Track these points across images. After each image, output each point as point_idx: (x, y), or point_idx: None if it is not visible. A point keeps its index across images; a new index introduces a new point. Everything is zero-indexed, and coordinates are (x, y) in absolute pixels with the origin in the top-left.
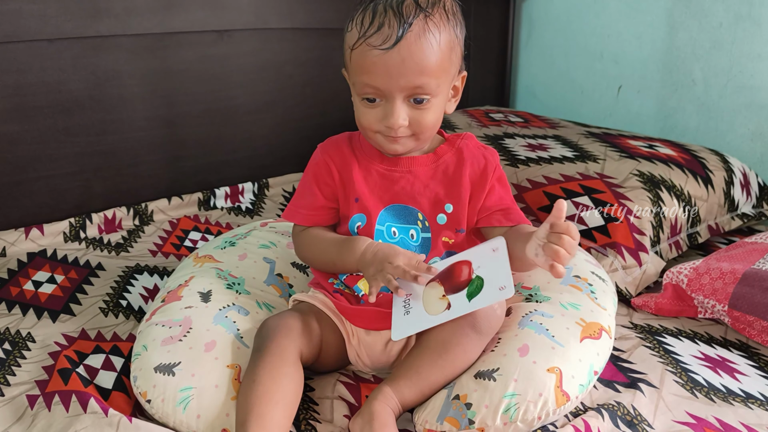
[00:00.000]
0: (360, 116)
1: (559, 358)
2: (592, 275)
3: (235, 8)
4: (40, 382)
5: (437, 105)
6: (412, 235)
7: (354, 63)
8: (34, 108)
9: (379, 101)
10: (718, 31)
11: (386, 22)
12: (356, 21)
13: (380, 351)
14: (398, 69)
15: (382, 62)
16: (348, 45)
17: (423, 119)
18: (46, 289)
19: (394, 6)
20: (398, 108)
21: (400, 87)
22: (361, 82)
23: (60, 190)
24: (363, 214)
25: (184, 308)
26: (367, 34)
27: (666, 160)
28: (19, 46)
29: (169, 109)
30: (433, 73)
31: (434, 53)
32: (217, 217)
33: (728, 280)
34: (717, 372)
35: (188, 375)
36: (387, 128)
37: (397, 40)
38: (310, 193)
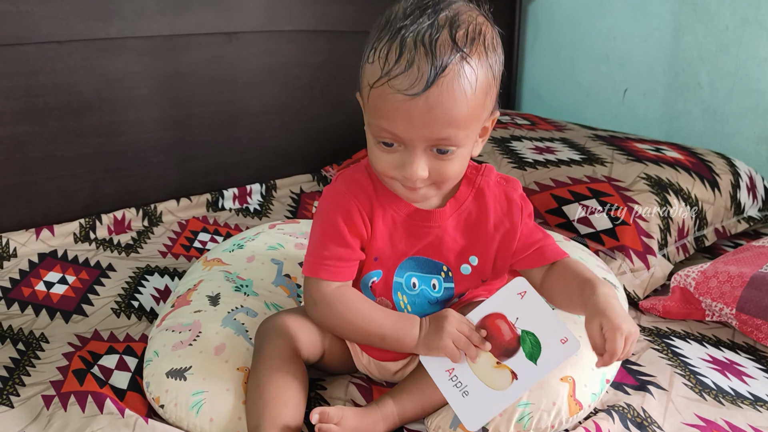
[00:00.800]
0: (374, 159)
1: (572, 367)
2: (604, 281)
3: (243, 10)
4: (55, 383)
5: (463, 155)
6: (434, 285)
7: (372, 103)
8: (44, 109)
9: (397, 146)
10: (725, 35)
11: (415, 62)
12: (379, 53)
13: (391, 373)
14: (423, 119)
15: (405, 109)
16: (367, 80)
17: (446, 170)
18: (58, 289)
19: (426, 41)
20: (418, 159)
21: (423, 137)
22: (378, 126)
23: (70, 191)
24: (381, 270)
25: (193, 312)
26: (392, 74)
27: (673, 163)
28: (30, 47)
29: (178, 110)
30: (462, 124)
31: (467, 102)
32: (226, 218)
33: (736, 283)
34: (725, 375)
35: (200, 379)
36: (404, 178)
37: (427, 86)
38: (339, 239)
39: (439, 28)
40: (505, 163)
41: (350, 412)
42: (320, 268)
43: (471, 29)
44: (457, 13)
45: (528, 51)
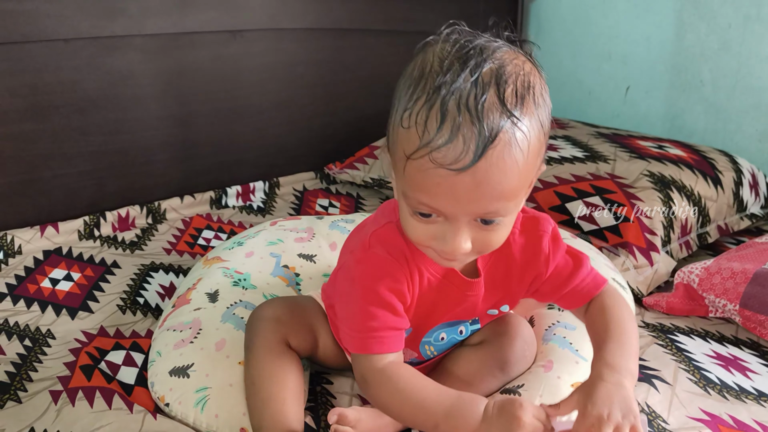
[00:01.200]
0: (410, 229)
1: (583, 372)
2: (614, 282)
3: (248, 8)
4: (62, 378)
5: (510, 221)
6: (461, 331)
7: (410, 176)
8: (49, 107)
9: (436, 217)
10: (727, 33)
11: (461, 131)
12: (416, 117)
13: None
14: (469, 195)
15: (449, 185)
16: (402, 148)
17: (490, 240)
18: (64, 286)
19: (470, 106)
20: (461, 232)
21: (468, 212)
22: (416, 200)
23: (74, 189)
24: (410, 327)
25: (193, 310)
26: (433, 145)
27: (676, 160)
28: (35, 45)
29: (182, 108)
30: (512, 195)
31: (518, 172)
32: (229, 215)
33: (739, 279)
34: (729, 370)
35: (202, 375)
36: (444, 251)
37: (474, 160)
38: (386, 306)
39: (484, 87)
40: None
41: (366, 414)
42: (370, 341)
43: (520, 84)
44: (502, 64)
45: None
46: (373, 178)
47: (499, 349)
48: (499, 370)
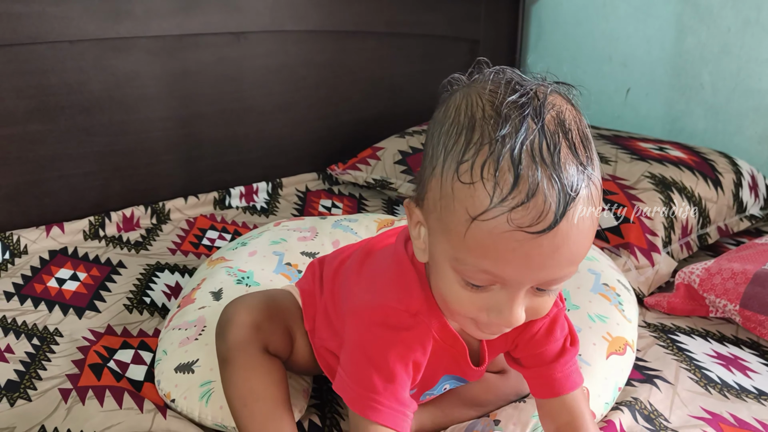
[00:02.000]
0: (452, 298)
1: (586, 377)
2: (619, 284)
3: (251, 11)
4: (71, 376)
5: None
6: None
7: (474, 239)
8: (55, 108)
9: (489, 287)
10: (727, 36)
11: (540, 188)
12: (482, 171)
13: None
14: (545, 260)
15: (525, 250)
16: (465, 207)
17: (541, 309)
18: (70, 286)
19: (545, 157)
20: (520, 302)
21: (536, 279)
22: (477, 267)
23: (80, 189)
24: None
25: (197, 309)
26: (510, 204)
27: (676, 162)
28: (41, 47)
29: (186, 109)
30: (583, 257)
31: (593, 231)
32: (233, 216)
33: (739, 280)
34: (729, 369)
35: (207, 370)
36: (494, 324)
37: (557, 221)
38: (393, 380)
39: (552, 136)
40: None
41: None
42: (370, 407)
43: (582, 134)
44: (560, 111)
45: (531, 51)
46: (376, 179)
47: (519, 381)
48: (514, 396)
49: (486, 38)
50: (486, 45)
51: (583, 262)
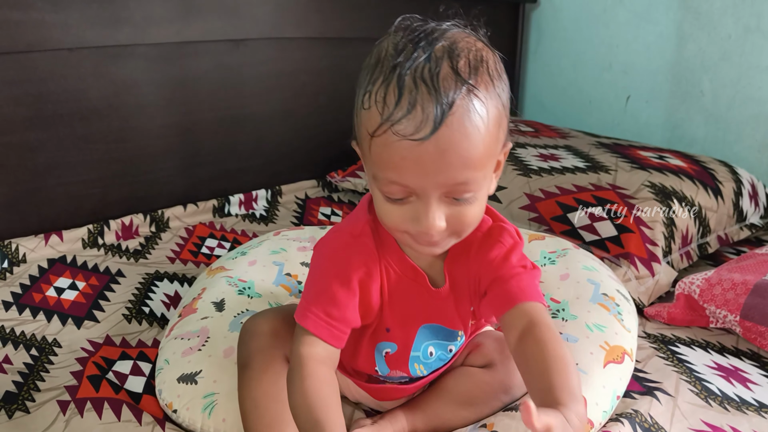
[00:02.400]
0: (383, 215)
1: (583, 385)
2: (618, 294)
3: (251, 18)
4: (69, 388)
5: (482, 197)
6: (450, 349)
7: (375, 154)
8: (54, 116)
9: (407, 198)
10: (727, 43)
11: (419, 103)
12: (375, 96)
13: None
14: (436, 164)
15: (414, 157)
16: (366, 127)
17: (464, 216)
18: (69, 295)
19: (426, 78)
20: (434, 208)
21: (437, 184)
22: (386, 179)
23: (78, 197)
24: (394, 343)
25: (200, 319)
26: (394, 118)
27: (676, 171)
28: (40, 55)
29: (185, 117)
30: (479, 163)
31: (481, 139)
32: (232, 224)
33: (740, 290)
34: (730, 381)
35: (210, 382)
36: (420, 233)
37: (435, 128)
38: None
39: (437, 60)
40: (510, 170)
41: None
42: (307, 315)
43: (472, 57)
44: (454, 41)
45: (531, 58)
46: None
47: (505, 375)
48: (503, 393)
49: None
50: None
51: (581, 272)
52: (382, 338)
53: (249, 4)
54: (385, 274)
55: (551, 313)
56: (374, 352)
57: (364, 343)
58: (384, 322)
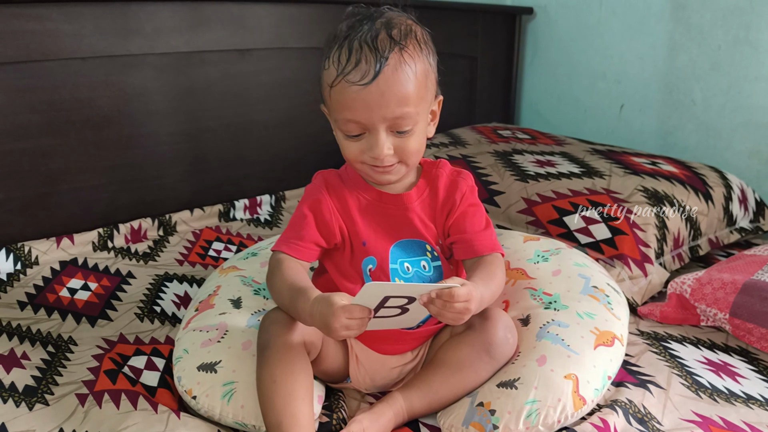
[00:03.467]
0: (345, 150)
1: (574, 365)
2: (608, 286)
3: (256, 28)
4: (87, 382)
5: (419, 131)
6: (424, 266)
7: (334, 100)
8: (66, 122)
9: (362, 134)
10: (717, 54)
11: (363, 58)
12: (333, 59)
13: (384, 372)
14: (378, 102)
15: (361, 97)
16: (326, 83)
17: (407, 146)
18: (82, 295)
19: (369, 41)
20: (382, 139)
21: (382, 118)
22: (343, 118)
23: (89, 201)
24: (373, 256)
25: (218, 314)
26: (345, 71)
27: (668, 176)
28: (54, 63)
29: (193, 124)
30: (412, 101)
31: (411, 83)
32: (238, 228)
33: (729, 290)
34: (719, 375)
35: (229, 371)
36: (372, 159)
37: (375, 75)
38: (305, 226)
39: (377, 30)
40: (507, 175)
41: (368, 422)
42: (281, 243)
43: (403, 28)
44: (390, 18)
45: (527, 67)
46: None
47: (483, 333)
48: (485, 353)
49: (484, 55)
50: (484, 61)
51: (573, 267)
52: (362, 254)
53: (255, 15)
54: (356, 200)
55: (544, 305)
56: (360, 270)
57: (351, 262)
58: (360, 237)
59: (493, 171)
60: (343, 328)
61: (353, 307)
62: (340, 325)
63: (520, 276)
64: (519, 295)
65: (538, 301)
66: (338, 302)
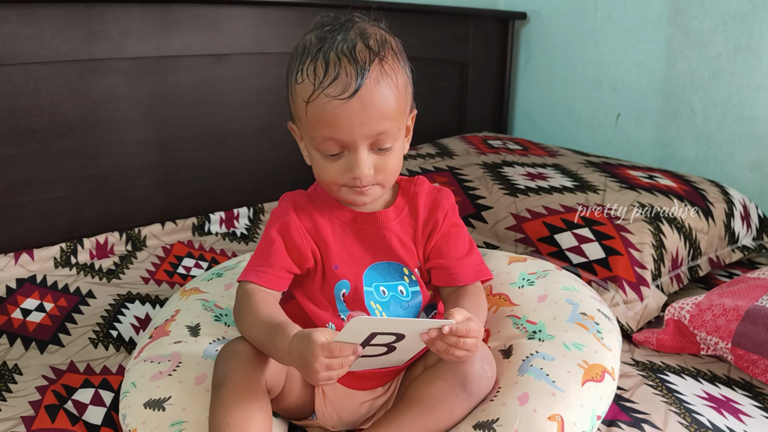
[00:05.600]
0: (321, 171)
1: (560, 404)
2: (599, 313)
3: (232, 32)
4: (26, 419)
5: (398, 148)
6: (401, 291)
7: (311, 116)
8: (26, 131)
9: (340, 153)
10: (718, 62)
11: (342, 71)
12: (307, 71)
13: (353, 408)
14: (360, 117)
15: (343, 112)
16: (301, 98)
17: (387, 165)
18: (35, 317)
19: (347, 53)
20: (364, 157)
21: (364, 135)
22: (321, 136)
23: (51, 215)
24: (346, 280)
25: (173, 343)
26: (324, 84)
27: (666, 191)
28: (13, 68)
29: (164, 132)
30: (393, 116)
31: (393, 96)
32: (212, 243)
33: (731, 317)
34: (721, 413)
35: (179, 409)
36: (353, 179)
37: (357, 88)
38: (274, 252)
39: (352, 40)
40: (496, 189)
41: None
42: (249, 273)
43: (378, 38)
44: (363, 28)
45: (520, 74)
46: None
47: (458, 365)
48: (461, 387)
49: (475, 61)
50: (475, 67)
51: (561, 292)
52: (333, 279)
53: (230, 18)
54: (328, 221)
55: (527, 334)
56: (333, 295)
57: (322, 287)
58: (331, 260)
59: (480, 184)
60: (323, 368)
61: (334, 345)
62: (321, 365)
63: (502, 302)
64: (501, 323)
65: (521, 330)
66: (319, 339)
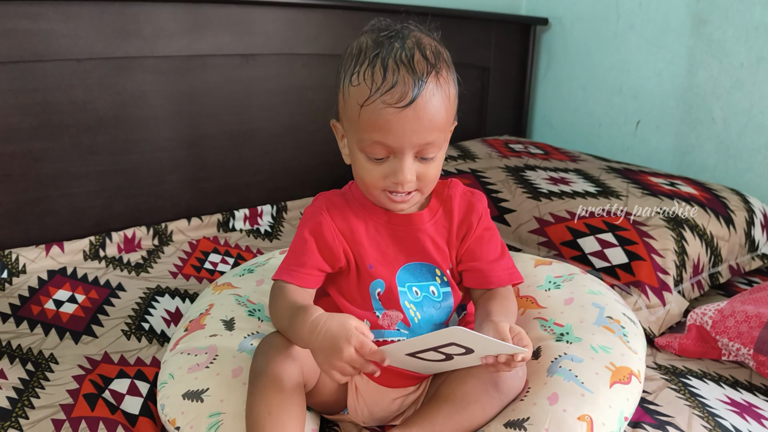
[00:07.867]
0: (363, 173)
1: (589, 405)
2: (624, 317)
3: (261, 33)
4: (65, 406)
5: (441, 158)
6: (432, 291)
7: (364, 120)
8: (60, 126)
9: (386, 158)
10: (739, 71)
11: (401, 79)
12: (364, 75)
13: (384, 404)
14: (412, 126)
15: (397, 120)
16: (355, 100)
17: (428, 173)
18: (68, 308)
19: (405, 61)
20: (409, 164)
21: (412, 143)
22: (371, 139)
23: (81, 208)
24: (381, 279)
25: (208, 336)
26: (381, 91)
27: (688, 198)
28: (48, 64)
29: (192, 130)
30: (442, 127)
31: (444, 108)
32: (237, 239)
33: (754, 323)
34: (744, 417)
35: (217, 401)
36: (394, 184)
37: (414, 98)
38: (306, 252)
39: (410, 49)
40: (519, 192)
41: None
42: (282, 272)
43: (434, 49)
44: (419, 38)
45: (541, 79)
46: None
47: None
48: (493, 386)
49: (496, 65)
50: (496, 72)
51: (586, 296)
52: (368, 278)
53: (260, 19)
54: (362, 221)
55: (555, 336)
56: (369, 293)
57: (357, 286)
58: (365, 260)
59: (503, 187)
60: (348, 357)
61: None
62: (348, 354)
63: (529, 305)
64: (529, 325)
65: (549, 332)
66: (358, 327)
